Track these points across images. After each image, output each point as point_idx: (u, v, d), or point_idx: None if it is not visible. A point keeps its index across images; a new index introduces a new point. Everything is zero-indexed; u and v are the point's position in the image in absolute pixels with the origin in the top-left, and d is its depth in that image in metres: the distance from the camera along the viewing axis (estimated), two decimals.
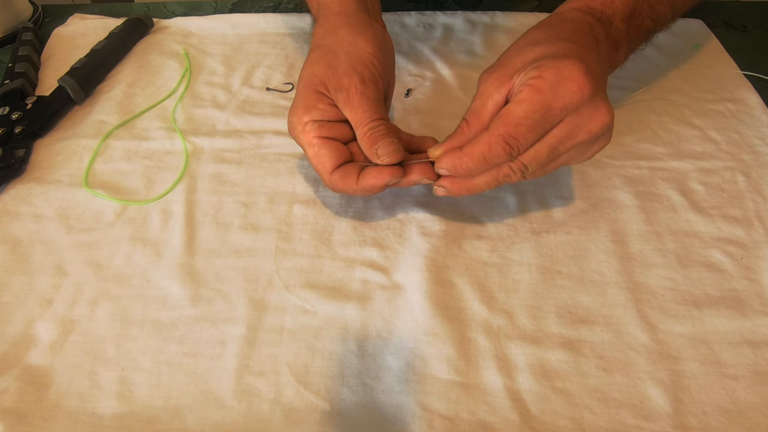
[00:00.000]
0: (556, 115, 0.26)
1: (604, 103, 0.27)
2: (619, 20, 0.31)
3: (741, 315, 0.30)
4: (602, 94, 0.27)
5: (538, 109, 0.26)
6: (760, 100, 0.42)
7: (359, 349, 0.29)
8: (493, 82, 0.28)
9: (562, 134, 0.27)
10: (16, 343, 0.29)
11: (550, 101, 0.26)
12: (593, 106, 0.27)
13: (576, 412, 0.26)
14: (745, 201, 0.35)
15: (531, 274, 0.32)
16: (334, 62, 0.30)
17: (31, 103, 0.40)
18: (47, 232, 0.34)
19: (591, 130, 0.27)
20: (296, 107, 0.31)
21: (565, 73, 0.26)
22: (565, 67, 0.26)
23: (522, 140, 0.27)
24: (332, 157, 0.30)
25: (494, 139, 0.27)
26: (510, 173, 0.28)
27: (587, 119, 0.27)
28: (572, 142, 0.27)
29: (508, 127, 0.27)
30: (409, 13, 0.50)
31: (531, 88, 0.26)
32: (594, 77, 0.26)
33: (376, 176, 0.29)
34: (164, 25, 0.49)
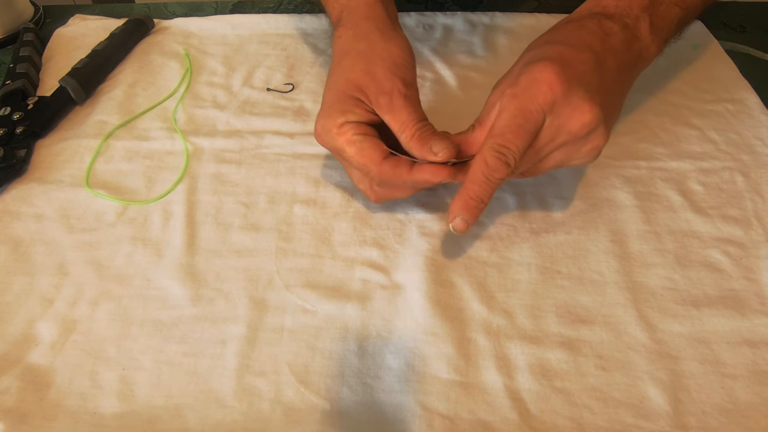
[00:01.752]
0: (535, 116, 0.27)
1: (586, 102, 0.27)
2: (636, 9, 0.30)
3: (740, 315, 0.30)
4: (585, 95, 0.27)
5: (517, 113, 0.27)
6: (758, 100, 0.42)
7: (359, 349, 0.29)
8: (496, 92, 0.29)
9: (545, 137, 0.28)
10: (17, 342, 0.29)
11: (525, 104, 0.27)
12: (571, 106, 0.27)
13: (575, 411, 0.27)
14: (744, 201, 0.35)
15: (530, 274, 0.32)
16: (372, 68, 0.30)
17: (32, 104, 0.40)
18: (48, 232, 0.34)
19: (571, 131, 0.27)
20: (331, 111, 0.30)
21: (536, 75, 0.27)
22: (536, 70, 0.27)
23: (512, 146, 0.27)
24: (379, 147, 0.29)
25: (488, 153, 0.27)
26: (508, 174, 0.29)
27: (566, 119, 0.27)
28: (555, 143, 0.28)
29: (495, 138, 0.27)
30: (408, 14, 0.50)
31: (508, 96, 0.27)
32: (569, 76, 0.26)
33: (433, 172, 0.29)
34: (165, 25, 0.50)
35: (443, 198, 0.36)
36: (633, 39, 0.31)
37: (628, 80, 0.31)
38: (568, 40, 0.29)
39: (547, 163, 0.30)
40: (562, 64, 0.27)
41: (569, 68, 0.27)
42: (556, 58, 0.27)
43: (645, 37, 0.31)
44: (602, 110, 0.27)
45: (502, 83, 0.30)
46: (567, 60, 0.27)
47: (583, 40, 0.29)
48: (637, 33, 0.31)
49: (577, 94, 0.27)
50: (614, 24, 0.30)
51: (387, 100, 0.30)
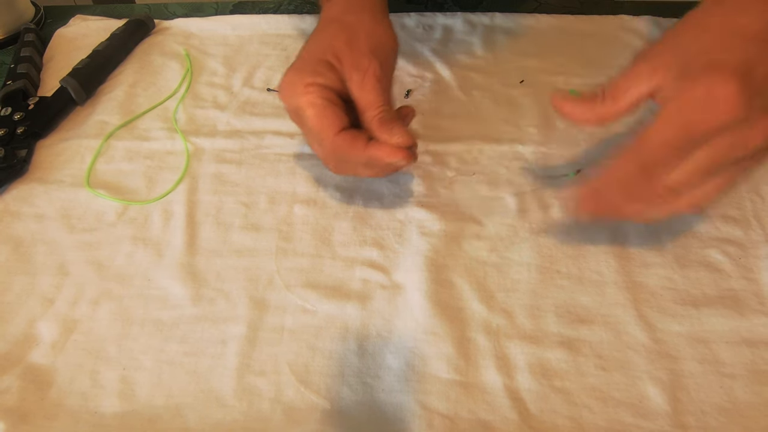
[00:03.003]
0: (699, 135, 0.24)
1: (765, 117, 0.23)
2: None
3: (739, 314, 0.30)
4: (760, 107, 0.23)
5: (679, 129, 0.24)
6: None
7: (359, 349, 0.29)
8: (647, 68, 0.25)
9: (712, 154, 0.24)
10: (18, 342, 0.29)
11: (692, 122, 0.23)
12: (748, 123, 0.23)
13: (575, 411, 0.27)
14: (744, 201, 0.35)
15: (530, 274, 0.32)
16: (354, 41, 0.30)
17: (33, 104, 0.41)
18: (49, 232, 0.34)
19: (749, 145, 0.24)
20: (302, 69, 0.30)
21: (712, 91, 0.23)
22: (714, 84, 0.23)
23: (660, 161, 0.25)
24: (339, 117, 0.29)
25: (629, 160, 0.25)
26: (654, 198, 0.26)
27: (743, 136, 0.23)
28: (729, 158, 0.24)
29: (646, 151, 0.25)
30: (408, 14, 0.50)
31: (675, 104, 0.24)
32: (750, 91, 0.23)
33: (387, 152, 0.29)
34: (165, 26, 0.50)
35: (443, 198, 0.36)
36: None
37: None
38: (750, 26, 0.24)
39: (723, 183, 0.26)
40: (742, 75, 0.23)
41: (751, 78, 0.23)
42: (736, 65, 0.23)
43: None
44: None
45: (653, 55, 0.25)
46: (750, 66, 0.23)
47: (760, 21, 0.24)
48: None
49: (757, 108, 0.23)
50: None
51: (360, 77, 0.29)
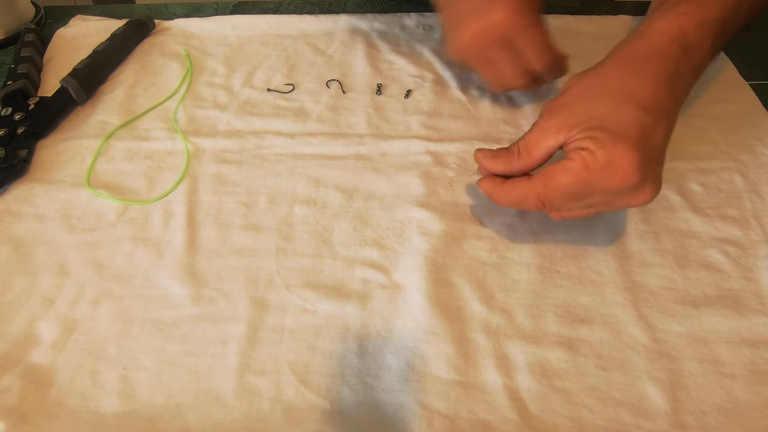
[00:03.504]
0: (594, 192, 0.27)
1: (650, 186, 0.27)
2: (707, 43, 0.30)
3: (739, 314, 0.30)
4: (652, 177, 0.27)
5: (580, 183, 0.27)
6: (757, 100, 0.42)
7: (359, 348, 0.29)
8: (554, 125, 0.28)
9: (600, 202, 0.28)
10: (19, 342, 0.29)
11: (592, 181, 0.27)
12: (636, 190, 0.27)
13: (575, 410, 0.27)
14: (743, 201, 0.35)
15: (530, 274, 0.32)
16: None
17: (33, 104, 0.41)
18: (49, 232, 0.34)
19: (629, 203, 0.28)
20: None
21: (617, 160, 0.26)
22: (618, 155, 0.26)
23: (556, 203, 0.28)
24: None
25: (531, 193, 0.29)
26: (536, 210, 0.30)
27: (628, 197, 0.27)
28: (607, 205, 0.29)
29: (547, 190, 0.28)
30: (408, 15, 0.50)
31: (581, 161, 0.27)
32: (646, 165, 0.26)
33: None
34: (166, 26, 0.50)
35: (443, 198, 0.36)
36: (695, 77, 0.30)
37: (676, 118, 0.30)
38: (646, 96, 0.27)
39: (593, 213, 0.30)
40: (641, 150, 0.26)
41: (647, 151, 0.26)
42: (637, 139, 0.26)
43: (704, 67, 0.31)
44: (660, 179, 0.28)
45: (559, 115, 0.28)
46: (646, 139, 0.26)
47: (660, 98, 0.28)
48: (700, 69, 0.30)
49: (647, 181, 0.27)
50: (687, 65, 0.29)
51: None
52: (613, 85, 0.28)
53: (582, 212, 0.30)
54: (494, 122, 0.41)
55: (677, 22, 0.29)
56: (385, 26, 0.49)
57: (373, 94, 0.43)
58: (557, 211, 0.30)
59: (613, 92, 0.28)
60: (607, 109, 0.27)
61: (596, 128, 0.27)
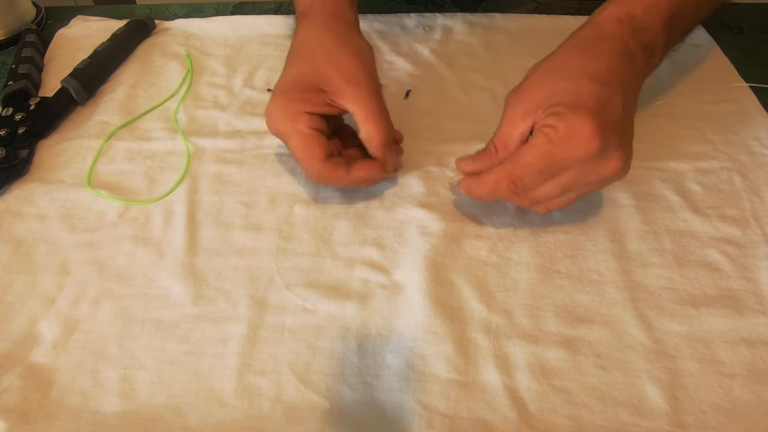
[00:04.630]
0: (561, 164, 0.28)
1: (617, 152, 0.28)
2: (658, 25, 0.31)
3: (738, 314, 0.30)
4: (616, 143, 0.28)
5: (545, 157, 0.28)
6: (756, 101, 0.42)
7: (359, 348, 0.29)
8: (519, 112, 0.29)
9: (573, 177, 0.29)
10: (20, 341, 0.29)
11: (557, 152, 0.28)
12: (603, 157, 0.28)
13: (574, 410, 0.27)
14: (742, 201, 0.35)
15: (530, 274, 0.32)
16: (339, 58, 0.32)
17: (34, 104, 0.41)
18: (50, 232, 0.34)
19: (601, 174, 0.29)
20: (291, 95, 0.32)
21: (576, 128, 0.27)
22: (577, 122, 0.27)
23: (527, 181, 0.29)
24: (323, 147, 0.31)
25: (503, 177, 0.29)
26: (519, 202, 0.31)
27: (597, 167, 0.28)
28: (582, 182, 0.29)
29: (516, 168, 0.29)
30: (408, 15, 0.50)
31: (543, 136, 0.28)
32: (606, 131, 0.27)
33: (368, 170, 0.32)
34: (166, 26, 0.50)
35: (443, 198, 0.36)
36: (650, 58, 0.31)
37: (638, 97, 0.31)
38: (600, 73, 0.28)
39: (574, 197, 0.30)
40: (600, 117, 0.27)
41: (605, 117, 0.27)
42: (595, 108, 0.27)
43: (659, 54, 0.32)
44: (629, 149, 0.29)
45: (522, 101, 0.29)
46: (603, 106, 0.27)
47: (614, 72, 0.29)
48: (654, 51, 0.31)
49: (611, 146, 0.28)
50: (637, 45, 0.30)
51: (354, 91, 0.31)
52: (569, 65, 0.30)
53: (562, 198, 0.30)
54: (494, 122, 0.41)
55: (624, 5, 0.31)
56: (385, 26, 0.49)
57: None
58: (534, 194, 0.30)
59: (569, 71, 0.29)
60: (565, 86, 0.28)
61: (556, 104, 0.28)
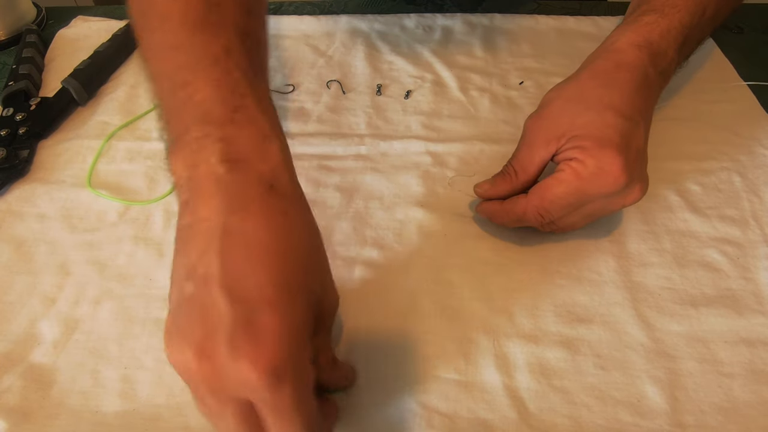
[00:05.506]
0: (589, 198, 0.29)
1: (639, 184, 0.29)
2: (673, 51, 0.31)
3: (737, 314, 0.30)
4: (638, 176, 0.29)
5: (574, 192, 0.28)
6: (756, 101, 0.42)
7: (359, 348, 0.29)
8: (541, 139, 0.30)
9: (596, 208, 0.30)
10: (20, 341, 0.29)
11: (586, 188, 0.28)
12: (627, 189, 0.29)
13: (574, 409, 0.27)
14: (742, 201, 0.35)
15: (529, 274, 0.32)
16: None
17: (34, 105, 0.41)
18: (51, 232, 0.34)
19: (623, 203, 0.30)
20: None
21: (605, 165, 0.27)
22: (605, 159, 0.27)
23: (555, 214, 0.30)
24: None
25: (530, 208, 0.30)
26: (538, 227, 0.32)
27: (621, 198, 0.29)
28: (605, 210, 0.30)
29: (544, 202, 0.29)
30: (408, 16, 0.50)
31: (571, 171, 0.28)
32: (632, 166, 0.28)
33: None
34: None
35: (443, 198, 0.36)
36: (664, 82, 0.32)
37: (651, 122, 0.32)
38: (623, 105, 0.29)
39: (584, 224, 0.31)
40: (626, 153, 0.28)
41: (631, 153, 0.28)
42: (620, 143, 0.28)
43: (670, 77, 0.32)
44: (647, 177, 0.29)
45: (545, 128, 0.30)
46: (628, 142, 0.28)
47: (635, 104, 0.29)
48: (668, 75, 0.32)
49: (635, 179, 0.28)
50: (654, 71, 0.30)
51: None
52: (591, 95, 0.30)
53: (582, 222, 0.31)
54: (494, 122, 0.41)
55: (642, 32, 0.31)
56: (385, 27, 0.49)
57: (373, 94, 0.43)
58: (557, 222, 0.31)
59: (591, 102, 0.29)
60: (589, 118, 0.29)
61: (581, 137, 0.28)
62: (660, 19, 0.31)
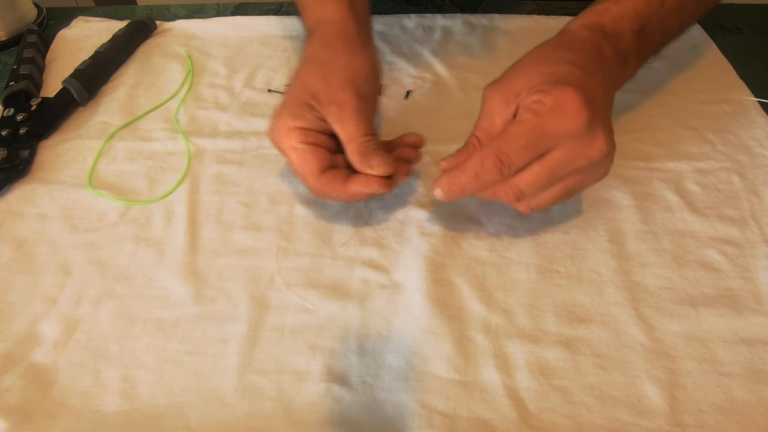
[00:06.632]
0: (549, 138, 0.27)
1: (603, 132, 0.27)
2: (628, 35, 0.31)
3: (736, 314, 0.30)
4: (601, 123, 0.28)
5: (532, 130, 0.27)
6: (755, 101, 0.42)
7: (359, 348, 0.29)
8: (500, 101, 0.29)
9: (561, 158, 0.28)
10: (21, 341, 0.29)
11: (544, 125, 0.27)
12: (590, 135, 0.27)
13: (573, 409, 0.27)
14: (741, 201, 0.35)
15: (529, 274, 0.32)
16: (329, 77, 0.31)
17: (35, 105, 0.41)
18: (51, 232, 0.34)
19: (590, 156, 0.28)
20: (282, 113, 0.31)
21: (563, 101, 0.27)
22: (564, 95, 0.27)
23: (513, 158, 0.27)
24: (319, 160, 0.30)
25: (487, 154, 0.28)
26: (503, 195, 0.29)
27: (586, 146, 0.27)
28: (572, 166, 0.28)
29: (502, 144, 0.27)
30: (408, 16, 0.50)
31: (529, 111, 0.27)
32: (593, 107, 0.27)
33: (363, 184, 0.30)
34: (167, 27, 0.50)
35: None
36: (623, 64, 0.31)
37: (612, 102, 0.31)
38: (577, 61, 0.29)
39: (562, 189, 0.29)
40: (585, 94, 0.27)
41: (589, 95, 0.27)
42: (578, 85, 0.27)
43: (632, 62, 0.32)
44: (613, 137, 0.28)
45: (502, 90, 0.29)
46: (587, 89, 0.27)
47: (590, 65, 0.29)
48: (627, 59, 0.32)
49: (598, 125, 0.27)
50: (609, 47, 0.30)
51: (337, 110, 0.30)
52: (548, 56, 0.30)
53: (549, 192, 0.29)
54: None
55: (593, 17, 0.32)
56: (385, 27, 0.49)
57: None
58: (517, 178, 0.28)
59: (547, 60, 0.29)
60: (545, 71, 0.28)
61: (539, 84, 0.28)
62: (612, 6, 0.32)
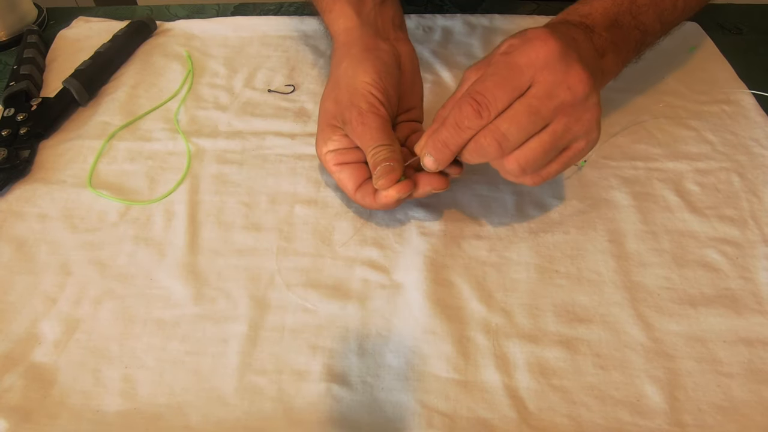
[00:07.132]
0: (523, 72, 0.26)
1: (579, 64, 0.26)
2: (600, 29, 0.31)
3: (736, 314, 0.30)
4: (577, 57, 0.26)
5: (504, 66, 0.26)
6: (754, 101, 0.42)
7: (359, 348, 0.29)
8: (473, 71, 0.29)
9: (538, 92, 0.26)
10: (21, 341, 0.29)
11: (515, 59, 0.26)
12: (565, 62, 0.25)
13: (573, 409, 0.27)
14: (740, 201, 0.35)
15: (529, 274, 0.32)
16: (339, 95, 0.32)
17: (35, 105, 0.41)
18: (52, 232, 0.34)
19: (570, 86, 0.25)
20: (318, 140, 0.34)
21: (529, 34, 0.27)
22: (530, 32, 0.27)
23: (489, 96, 0.26)
24: (351, 178, 0.32)
25: (463, 99, 0.27)
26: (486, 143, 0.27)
27: (563, 74, 0.25)
28: (553, 101, 0.26)
29: (476, 85, 0.27)
30: (408, 16, 0.50)
31: (500, 54, 0.27)
32: (564, 41, 0.26)
33: (385, 194, 0.31)
34: (167, 27, 0.50)
35: (443, 198, 0.36)
36: (599, 57, 0.31)
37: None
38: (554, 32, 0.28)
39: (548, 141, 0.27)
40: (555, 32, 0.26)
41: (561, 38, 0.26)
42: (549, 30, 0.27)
43: (610, 57, 0.32)
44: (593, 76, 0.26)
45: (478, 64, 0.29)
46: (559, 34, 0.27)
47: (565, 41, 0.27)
48: (604, 53, 0.31)
49: (572, 56, 0.26)
50: (582, 36, 0.30)
51: (348, 127, 0.32)
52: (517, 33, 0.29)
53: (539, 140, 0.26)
54: None
55: (561, 17, 0.32)
56: None
57: None
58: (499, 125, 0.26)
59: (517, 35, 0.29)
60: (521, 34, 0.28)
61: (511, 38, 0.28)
62: (580, 7, 0.32)
